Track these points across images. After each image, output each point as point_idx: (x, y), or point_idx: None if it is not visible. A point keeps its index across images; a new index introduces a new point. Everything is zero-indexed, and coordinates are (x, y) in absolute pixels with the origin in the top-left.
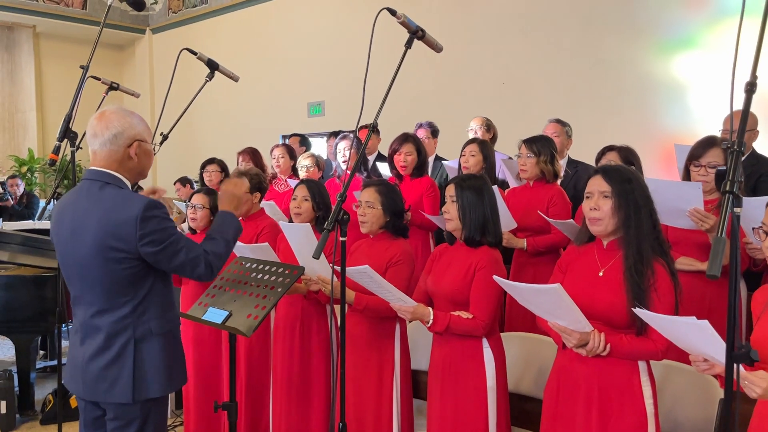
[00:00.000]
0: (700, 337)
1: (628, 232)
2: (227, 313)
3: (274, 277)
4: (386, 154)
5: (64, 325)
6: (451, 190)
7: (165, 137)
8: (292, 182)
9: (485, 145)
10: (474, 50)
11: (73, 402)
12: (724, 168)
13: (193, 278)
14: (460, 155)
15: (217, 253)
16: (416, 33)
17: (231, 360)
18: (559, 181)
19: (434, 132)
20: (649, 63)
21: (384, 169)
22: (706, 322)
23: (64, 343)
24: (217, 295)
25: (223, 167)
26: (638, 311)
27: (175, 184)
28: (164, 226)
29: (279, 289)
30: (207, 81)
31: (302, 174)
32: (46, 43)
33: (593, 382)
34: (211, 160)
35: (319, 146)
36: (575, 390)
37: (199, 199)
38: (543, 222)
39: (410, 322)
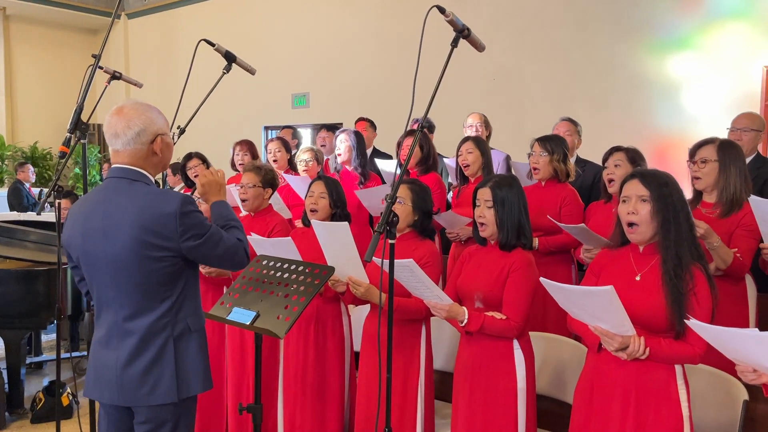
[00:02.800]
0: (758, 349)
1: (666, 237)
2: (255, 313)
3: (302, 277)
4: (382, 150)
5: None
6: (486, 194)
7: (182, 130)
8: (288, 177)
9: (481, 142)
10: (466, 46)
11: (65, 400)
12: None
13: (232, 267)
14: (457, 154)
15: (245, 240)
16: (462, 32)
17: (257, 362)
18: (569, 181)
19: (430, 127)
20: (641, 63)
21: (383, 165)
22: None
23: (51, 337)
24: (241, 294)
25: (203, 159)
26: (691, 323)
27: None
28: (201, 219)
29: (310, 290)
30: (224, 73)
31: (301, 168)
32: (16, 26)
33: (630, 386)
34: (190, 156)
35: (305, 138)
36: (611, 392)
37: None
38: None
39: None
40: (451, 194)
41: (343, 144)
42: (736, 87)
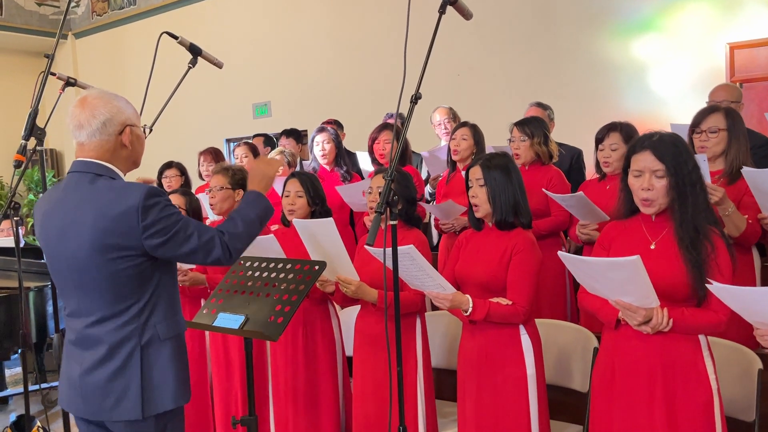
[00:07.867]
0: None
1: (684, 210)
2: (243, 317)
3: (291, 275)
4: (352, 150)
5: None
6: (477, 173)
7: (150, 129)
8: None
9: (477, 130)
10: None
11: None
12: None
13: (209, 263)
14: (451, 138)
15: (235, 234)
16: None
17: (248, 370)
18: (553, 162)
19: (404, 122)
20: (605, 48)
21: (363, 162)
22: None
23: (14, 371)
24: (225, 299)
25: (182, 171)
26: (714, 286)
27: None
28: (168, 213)
29: (301, 287)
30: (190, 68)
31: None
32: None
33: (655, 361)
34: (169, 165)
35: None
36: (635, 371)
37: (175, 200)
38: (543, 205)
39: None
40: (429, 189)
41: (327, 144)
42: (701, 66)
